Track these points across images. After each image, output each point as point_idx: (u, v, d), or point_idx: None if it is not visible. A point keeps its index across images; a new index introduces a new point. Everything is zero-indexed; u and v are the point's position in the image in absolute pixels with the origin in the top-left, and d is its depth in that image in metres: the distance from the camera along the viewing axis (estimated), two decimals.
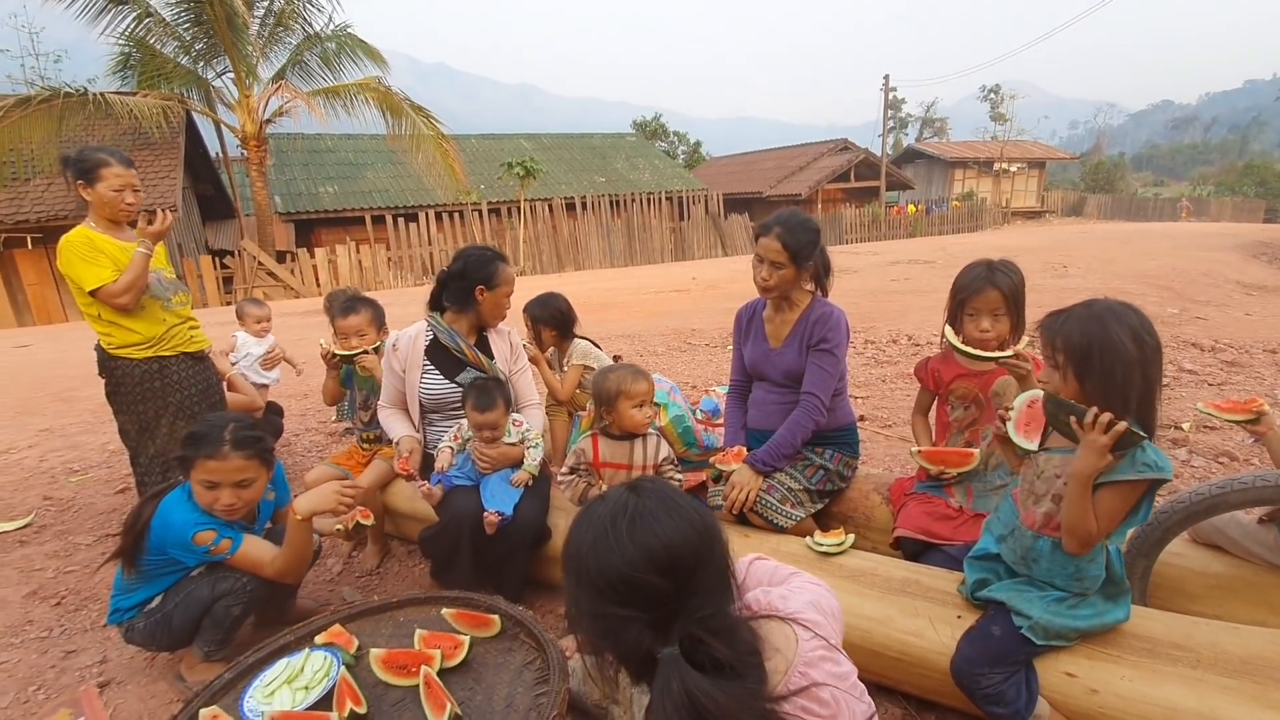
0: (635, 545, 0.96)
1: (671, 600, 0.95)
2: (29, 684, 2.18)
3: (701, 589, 0.95)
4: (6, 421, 5.27)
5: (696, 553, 0.96)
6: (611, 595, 0.97)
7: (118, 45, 13.42)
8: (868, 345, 6.10)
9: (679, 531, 0.96)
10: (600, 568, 0.98)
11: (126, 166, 2.73)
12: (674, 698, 0.91)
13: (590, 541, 1.01)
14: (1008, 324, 1.99)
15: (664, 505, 0.99)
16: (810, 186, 25.74)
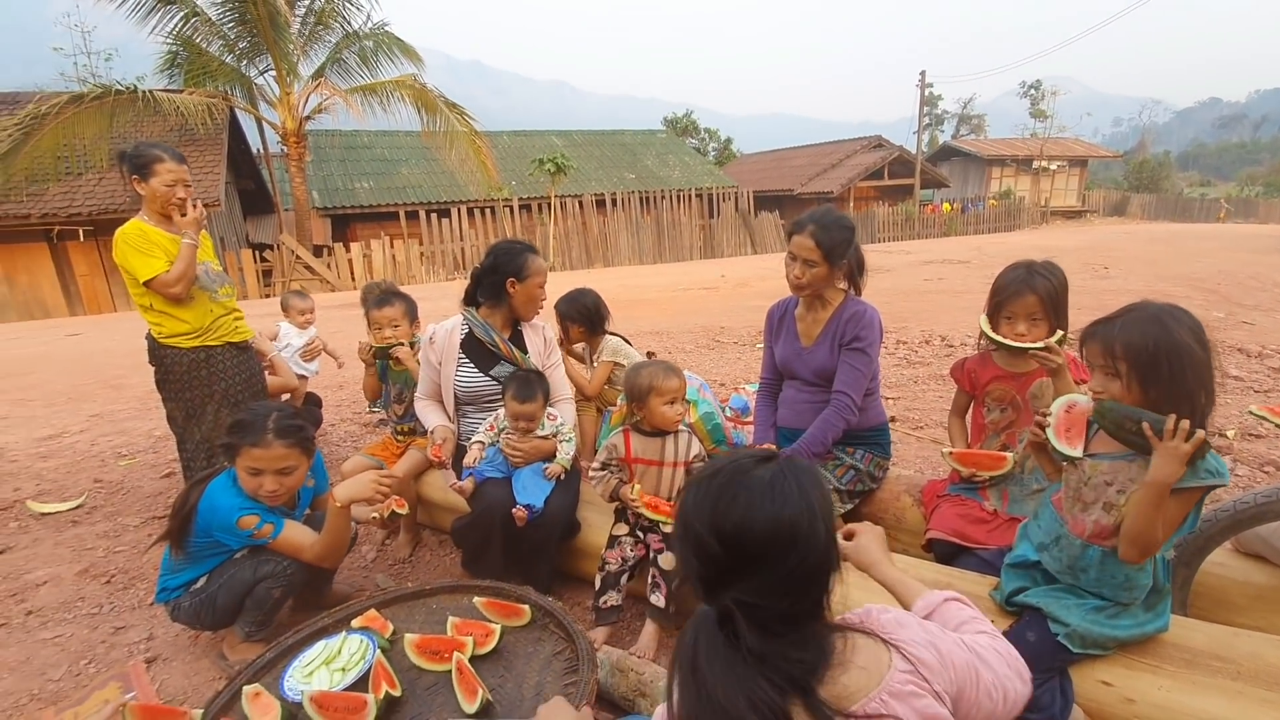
0: (714, 503, 0.93)
1: (726, 570, 0.92)
2: (80, 657, 2.28)
3: (760, 580, 0.90)
4: (60, 407, 5.49)
5: (767, 547, 0.90)
6: (683, 534, 0.96)
7: (165, 44, 13.83)
8: (900, 345, 6.01)
9: (761, 517, 0.90)
10: (684, 504, 0.98)
11: (179, 162, 2.83)
12: (682, 645, 0.92)
13: (695, 479, 1.00)
14: (1045, 328, 1.95)
15: (770, 487, 0.92)
16: (842, 184, 25.41)
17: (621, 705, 1.87)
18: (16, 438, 4.65)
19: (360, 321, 3.11)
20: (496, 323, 2.59)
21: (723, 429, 2.75)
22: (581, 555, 2.40)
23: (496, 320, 2.59)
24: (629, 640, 2.13)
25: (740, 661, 0.87)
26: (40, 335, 9.93)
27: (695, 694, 0.88)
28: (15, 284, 12.65)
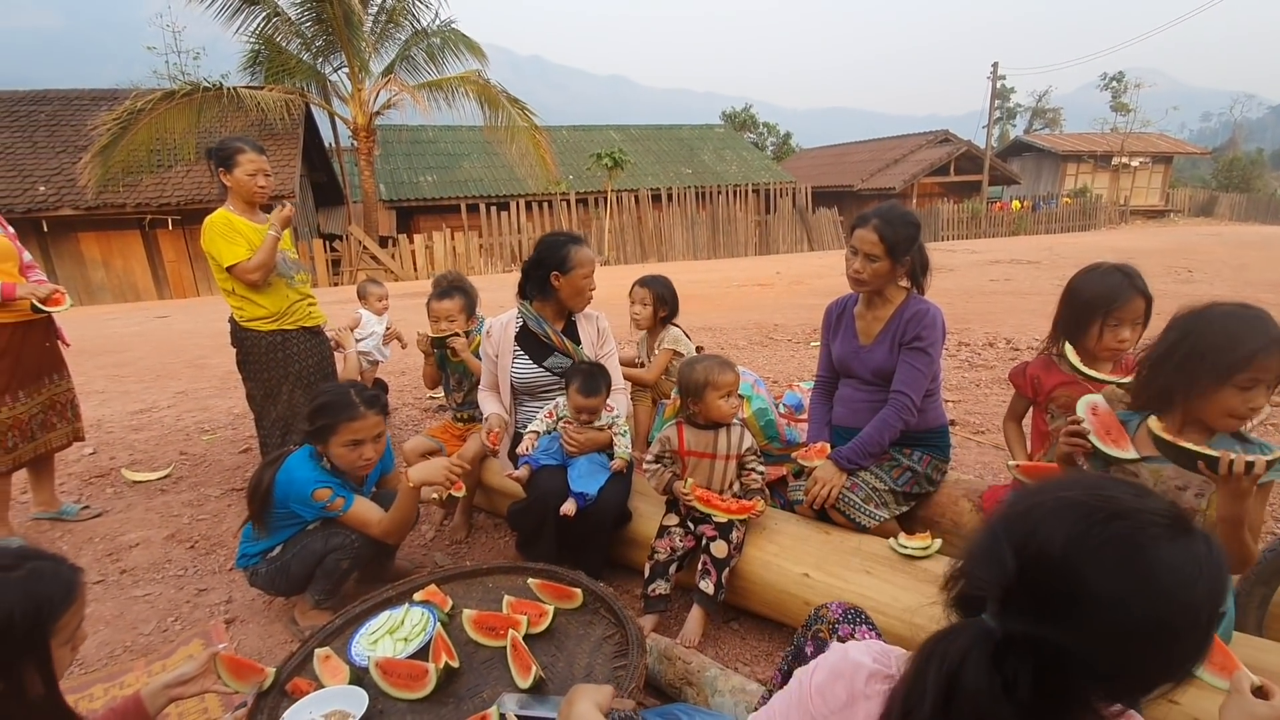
0: (1098, 549, 0.73)
1: (1053, 612, 0.73)
2: (168, 615, 2.47)
3: (1088, 647, 0.72)
4: (149, 384, 5.90)
5: (1134, 632, 0.71)
6: (1022, 537, 0.77)
7: (249, 43, 14.59)
8: (961, 347, 5.83)
9: (1151, 600, 0.71)
10: (1050, 514, 0.77)
11: (259, 153, 3.01)
12: (948, 654, 0.76)
13: (1080, 497, 0.78)
14: (1140, 333, 1.89)
15: (1179, 572, 0.72)
16: (905, 180, 24.66)
17: (667, 692, 1.91)
18: (112, 411, 5.03)
19: (424, 310, 3.24)
20: (548, 314, 2.64)
21: (776, 425, 2.74)
22: (632, 544, 2.45)
23: (548, 312, 2.65)
24: (675, 630, 2.16)
25: (1000, 700, 0.73)
26: (132, 316, 10.65)
27: (942, 706, 0.75)
28: (111, 268, 13.61)
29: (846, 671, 0.90)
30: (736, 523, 2.16)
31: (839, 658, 0.93)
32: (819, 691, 0.90)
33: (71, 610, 1.13)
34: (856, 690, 0.88)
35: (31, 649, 1.06)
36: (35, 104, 14.81)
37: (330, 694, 1.56)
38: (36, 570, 1.10)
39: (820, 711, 0.89)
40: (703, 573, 2.13)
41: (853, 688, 0.88)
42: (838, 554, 2.07)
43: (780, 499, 2.61)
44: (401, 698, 1.58)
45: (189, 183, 13.49)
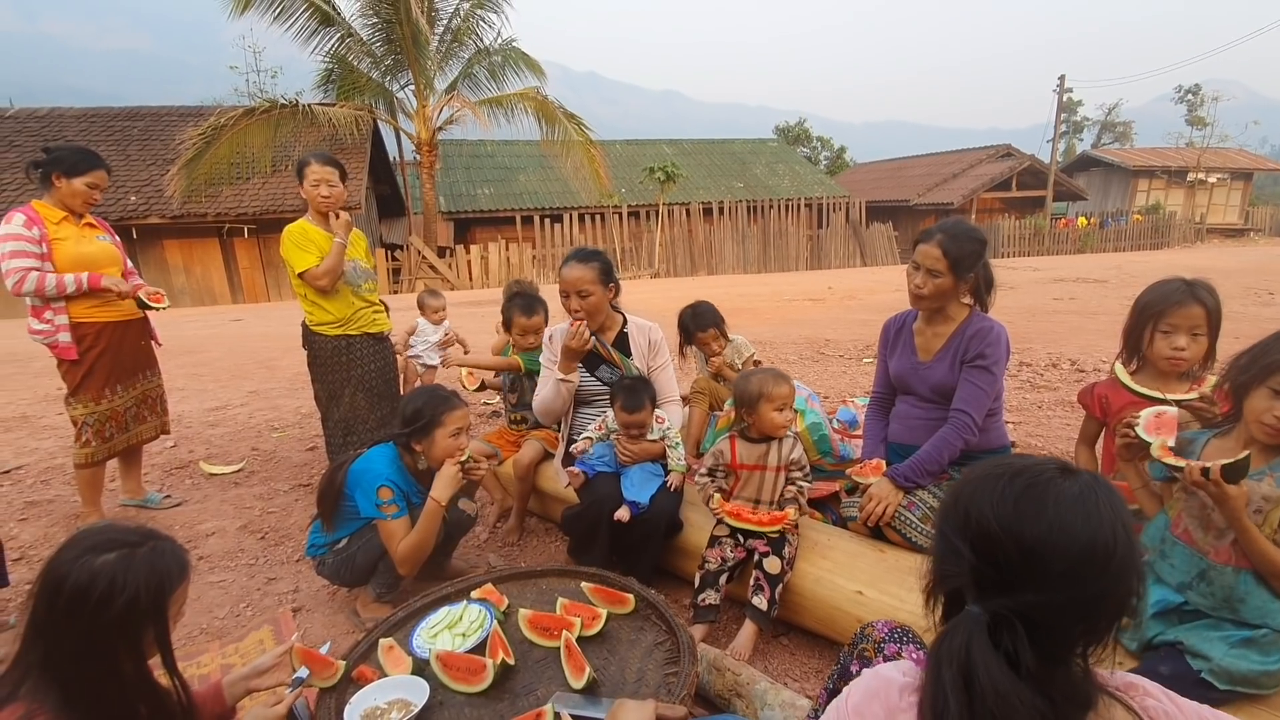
0: (1014, 505, 0.84)
1: (1013, 576, 0.83)
2: (240, 601, 2.61)
3: (1050, 596, 0.82)
4: (224, 383, 6.24)
5: (1073, 564, 0.81)
6: (961, 523, 0.88)
7: (323, 62, 15.37)
8: (1023, 368, 5.64)
9: (1071, 531, 0.81)
10: (972, 494, 0.89)
11: (323, 165, 3.15)
12: (952, 651, 0.83)
13: (986, 470, 0.90)
14: (1204, 346, 1.81)
15: (1082, 502, 0.83)
16: (964, 195, 24.00)
17: (716, 703, 1.91)
18: (191, 407, 5.34)
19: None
20: (599, 328, 2.69)
21: (829, 440, 2.72)
22: (682, 554, 2.46)
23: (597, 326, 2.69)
24: (723, 642, 2.16)
25: (1011, 678, 0.80)
26: (209, 319, 11.29)
27: (966, 702, 0.80)
28: (191, 274, 14.47)
29: (880, 690, 0.92)
30: (789, 538, 2.16)
31: (871, 677, 0.95)
32: (857, 712, 0.92)
33: (182, 587, 1.23)
34: (893, 705, 0.90)
35: (153, 620, 1.16)
36: (129, 120, 15.94)
37: (394, 683, 1.63)
38: (158, 548, 1.20)
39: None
40: (756, 588, 2.13)
41: (888, 703, 0.90)
42: (893, 573, 2.04)
43: (833, 515, 2.59)
44: (460, 690, 1.64)
45: (264, 194, 14.27)
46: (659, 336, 2.77)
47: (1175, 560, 1.52)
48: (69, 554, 1.14)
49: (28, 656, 1.13)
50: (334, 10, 14.80)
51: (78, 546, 1.15)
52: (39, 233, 2.84)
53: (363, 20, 15.00)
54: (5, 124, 15.06)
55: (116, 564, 1.13)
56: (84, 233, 3.00)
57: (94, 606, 1.10)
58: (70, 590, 1.10)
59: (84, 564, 1.12)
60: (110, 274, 3.03)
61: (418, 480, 2.35)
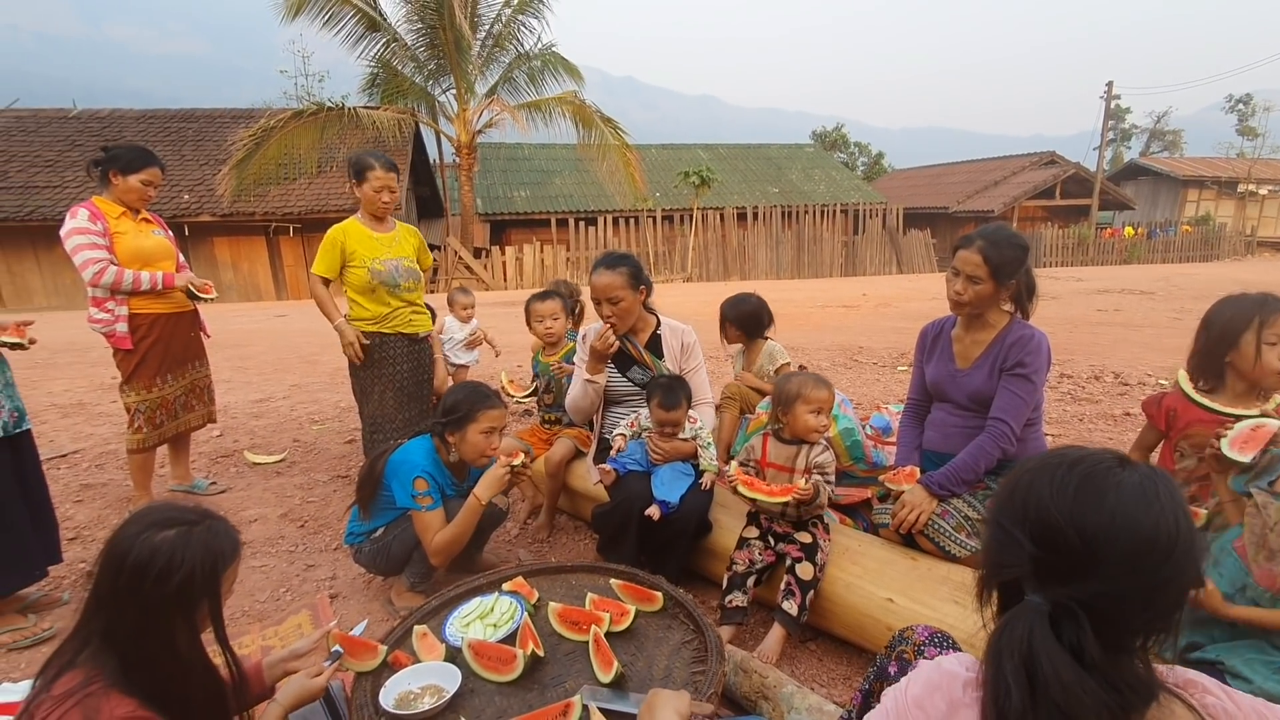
0: (1074, 494, 0.84)
1: (1075, 565, 0.83)
2: (280, 586, 2.70)
3: (1112, 584, 0.81)
4: (268, 377, 6.44)
5: (1135, 552, 0.81)
6: (1019, 512, 0.87)
7: (368, 67, 15.77)
8: (1063, 379, 5.50)
9: (1134, 519, 0.81)
10: (1030, 484, 0.88)
11: (387, 170, 3.18)
12: (1014, 642, 0.82)
13: (1042, 461, 0.90)
14: None
15: (1142, 491, 0.83)
16: (1005, 203, 23.44)
17: (743, 705, 1.91)
18: (237, 399, 5.53)
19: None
20: (631, 330, 2.72)
21: (862, 446, 2.70)
22: (711, 556, 2.47)
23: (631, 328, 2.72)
24: (750, 645, 2.16)
25: (1075, 669, 0.79)
26: (254, 315, 11.66)
27: (1029, 693, 0.80)
28: (239, 270, 14.97)
29: (943, 683, 0.91)
30: (822, 544, 2.15)
31: (932, 669, 0.94)
32: (917, 704, 0.91)
33: (234, 564, 1.28)
34: (956, 699, 0.89)
35: (207, 595, 1.21)
36: (185, 121, 16.59)
37: (427, 669, 1.67)
38: (213, 527, 1.25)
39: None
40: (786, 593, 2.12)
41: (951, 696, 0.89)
42: (925, 581, 2.01)
43: (864, 522, 2.57)
44: (491, 679, 1.67)
45: (310, 194, 14.70)
46: (692, 339, 2.78)
47: (1225, 570, 1.48)
48: (132, 529, 1.20)
49: (89, 626, 1.18)
50: (380, 16, 15.18)
51: (140, 523, 1.21)
52: (101, 226, 2.98)
53: (408, 25, 15.36)
54: (69, 124, 15.80)
55: (175, 541, 1.19)
56: (141, 228, 3.13)
57: (154, 580, 1.16)
58: (132, 564, 1.16)
59: (145, 540, 1.18)
60: (164, 268, 3.16)
61: (451, 472, 2.40)
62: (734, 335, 3.20)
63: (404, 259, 3.32)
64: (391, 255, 3.25)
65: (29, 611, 2.46)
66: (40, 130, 15.43)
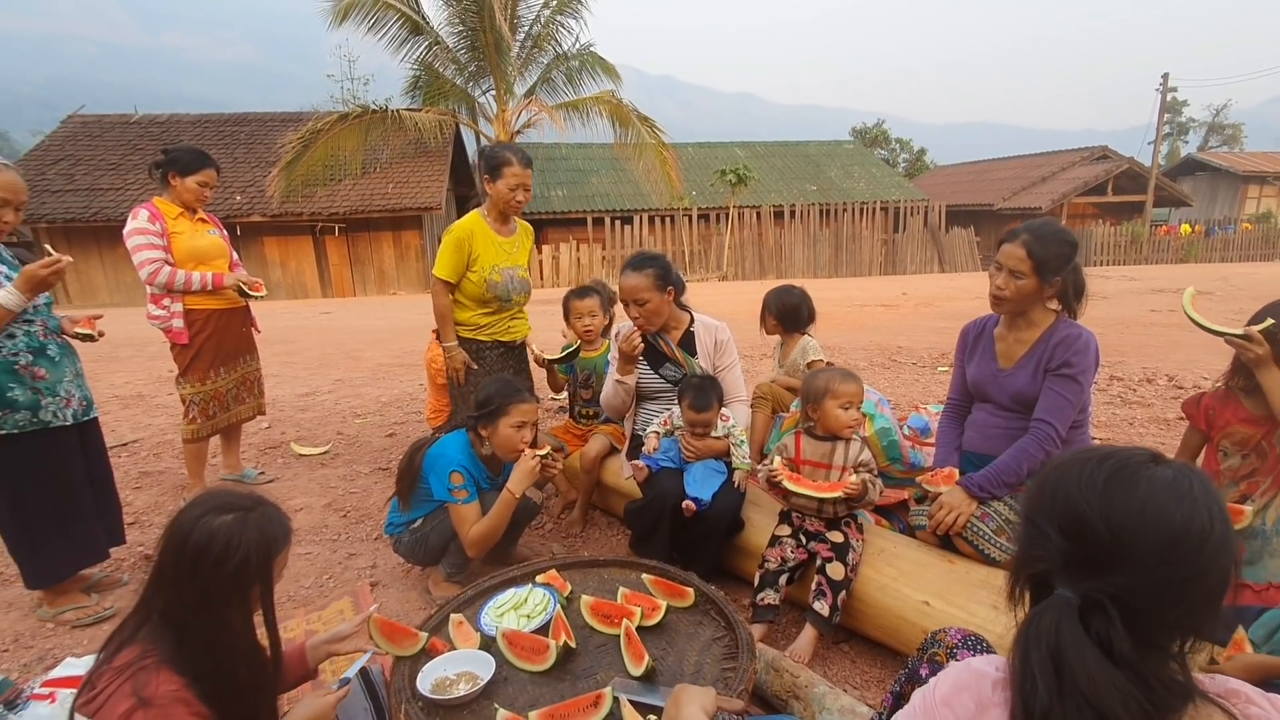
0: (1104, 487, 0.83)
1: (1104, 558, 0.82)
2: (323, 573, 2.79)
3: (1142, 577, 0.80)
4: (313, 372, 6.64)
5: (1166, 545, 0.80)
6: (1048, 506, 0.87)
7: (411, 70, 16.11)
8: (1113, 381, 5.31)
9: (1165, 512, 0.80)
10: (1059, 478, 0.88)
11: (524, 166, 2.92)
12: (1041, 633, 0.81)
13: (1073, 456, 0.90)
14: None
15: (1175, 485, 0.82)
16: (1053, 199, 22.66)
17: (773, 704, 1.91)
18: (284, 392, 5.72)
19: (559, 315, 3.46)
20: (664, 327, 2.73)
21: (899, 446, 2.66)
22: (742, 554, 2.46)
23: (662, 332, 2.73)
24: (781, 644, 2.15)
25: (1103, 662, 0.78)
26: (301, 312, 12.03)
27: (1056, 684, 0.79)
28: (286, 269, 15.46)
29: (971, 682, 0.90)
30: (854, 544, 2.12)
31: (961, 669, 0.93)
32: (945, 703, 0.91)
33: (285, 550, 1.34)
34: (984, 698, 0.88)
35: (260, 578, 1.27)
36: (237, 125, 17.21)
37: (462, 656, 1.71)
38: (267, 514, 1.31)
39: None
40: (817, 593, 2.11)
41: (980, 696, 0.88)
42: (962, 585, 1.98)
43: (900, 524, 2.53)
44: (524, 668, 1.70)
45: (354, 195, 15.10)
46: (726, 337, 2.77)
47: None
48: (192, 514, 1.26)
49: (149, 605, 1.25)
50: (423, 19, 15.49)
51: (199, 507, 1.27)
52: (160, 226, 3.12)
53: (449, 29, 15.63)
54: (131, 129, 16.54)
55: (232, 525, 1.24)
56: (197, 227, 3.27)
57: (212, 562, 1.21)
58: (192, 546, 1.22)
59: (204, 523, 1.24)
60: (218, 266, 3.30)
61: (486, 466, 2.45)
62: (772, 326, 3.19)
63: (519, 269, 3.13)
64: (509, 264, 3.05)
65: (92, 591, 2.60)
66: (104, 135, 16.19)
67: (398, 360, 6.93)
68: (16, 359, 2.25)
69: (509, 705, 1.53)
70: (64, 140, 15.96)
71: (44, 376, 2.32)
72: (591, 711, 1.51)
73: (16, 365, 2.25)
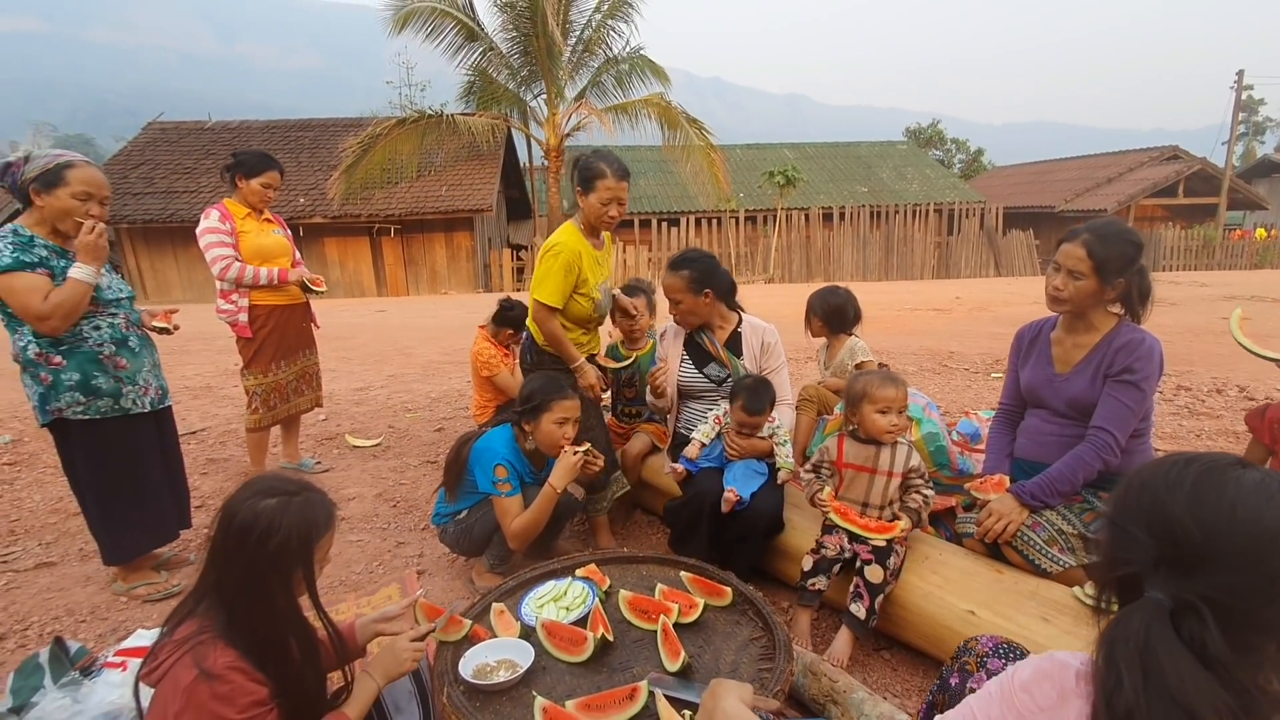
0: (1193, 487, 0.83)
1: (1195, 557, 0.81)
2: (373, 560, 2.89)
3: (1236, 577, 0.79)
4: (368, 367, 6.88)
5: (1259, 542, 0.78)
6: (1134, 508, 0.87)
7: (465, 75, 16.50)
8: (1180, 392, 5.04)
9: (1255, 509, 0.79)
10: (1146, 480, 0.88)
11: (619, 178, 2.63)
12: (1129, 633, 0.80)
13: (1159, 461, 0.90)
14: None
15: (1264, 486, 0.81)
16: (1119, 201, 21.60)
17: (810, 707, 1.89)
18: (340, 386, 5.94)
19: None
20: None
21: (947, 452, 2.59)
22: (782, 556, 2.44)
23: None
24: (820, 648, 2.13)
25: (1195, 665, 0.77)
26: (358, 310, 12.46)
27: (1144, 686, 0.78)
28: (345, 268, 16.05)
29: (1054, 672, 0.90)
30: (897, 548, 2.09)
31: (1043, 660, 0.93)
32: (1025, 689, 0.91)
33: (328, 535, 1.40)
34: (1067, 688, 0.87)
35: (301, 560, 1.34)
36: (302, 131, 17.94)
37: (503, 644, 1.76)
38: (310, 499, 1.37)
39: (1028, 708, 0.89)
40: (855, 595, 2.08)
41: (1062, 686, 0.88)
42: (1010, 595, 1.92)
43: (947, 531, 2.47)
44: (561, 659, 1.74)
45: (409, 197, 15.58)
46: (774, 339, 2.76)
47: None
48: (241, 496, 1.34)
49: (206, 580, 1.33)
50: (478, 26, 15.86)
51: (248, 490, 1.35)
52: (230, 226, 3.30)
53: (503, 34, 15.95)
54: (204, 135, 17.45)
55: (275, 508, 1.31)
56: (263, 227, 3.45)
57: (255, 542, 1.28)
58: (238, 526, 1.29)
59: (250, 505, 1.31)
60: (282, 263, 3.47)
61: (530, 460, 2.50)
62: (818, 328, 3.14)
63: (608, 282, 2.93)
64: (603, 278, 2.85)
65: (161, 569, 2.77)
66: (180, 141, 17.12)
67: (447, 358, 7.11)
68: (101, 349, 2.42)
69: (546, 694, 1.57)
70: (144, 146, 16.94)
71: (125, 366, 2.48)
72: (627, 704, 1.53)
73: (101, 355, 2.42)
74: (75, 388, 2.37)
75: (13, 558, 2.93)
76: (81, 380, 2.37)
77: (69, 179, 2.31)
